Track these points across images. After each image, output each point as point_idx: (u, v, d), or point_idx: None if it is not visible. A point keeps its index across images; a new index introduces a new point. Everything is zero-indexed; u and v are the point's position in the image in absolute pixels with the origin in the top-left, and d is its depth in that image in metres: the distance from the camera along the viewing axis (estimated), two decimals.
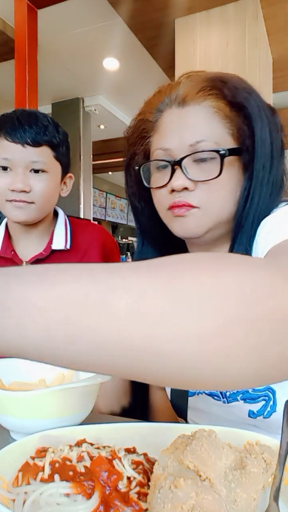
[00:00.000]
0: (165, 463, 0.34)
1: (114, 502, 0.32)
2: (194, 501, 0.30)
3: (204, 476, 0.31)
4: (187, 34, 2.84)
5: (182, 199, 0.62)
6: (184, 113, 0.63)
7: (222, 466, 0.33)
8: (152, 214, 0.72)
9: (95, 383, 0.52)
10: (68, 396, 0.51)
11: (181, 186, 0.62)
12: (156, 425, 0.45)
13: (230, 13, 2.70)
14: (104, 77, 4.36)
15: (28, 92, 2.55)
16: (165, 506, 0.30)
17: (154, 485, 0.32)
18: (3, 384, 0.61)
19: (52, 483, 0.34)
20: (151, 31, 3.05)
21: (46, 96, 4.71)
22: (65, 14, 3.18)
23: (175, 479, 0.31)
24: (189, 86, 0.64)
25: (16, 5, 2.58)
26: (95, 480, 0.34)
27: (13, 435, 0.55)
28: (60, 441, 0.43)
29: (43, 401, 0.50)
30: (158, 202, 0.68)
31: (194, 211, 0.63)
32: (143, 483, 0.35)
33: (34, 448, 0.41)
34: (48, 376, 0.64)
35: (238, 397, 0.63)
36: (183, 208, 0.62)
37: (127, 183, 0.76)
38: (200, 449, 0.33)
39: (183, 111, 0.63)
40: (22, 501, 0.33)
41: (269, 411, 0.60)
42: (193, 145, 0.62)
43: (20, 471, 0.37)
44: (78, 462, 0.37)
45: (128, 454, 0.38)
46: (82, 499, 0.33)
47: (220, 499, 0.30)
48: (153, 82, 4.30)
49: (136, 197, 0.75)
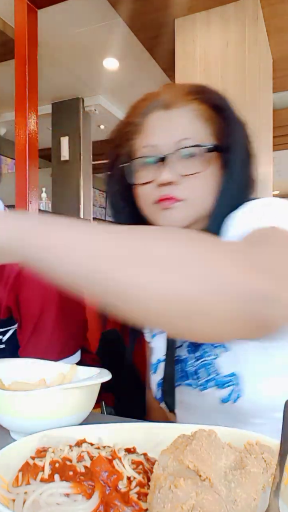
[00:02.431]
0: (165, 463, 0.34)
1: (114, 502, 0.32)
2: (194, 501, 0.30)
3: (204, 476, 0.31)
4: (187, 34, 2.84)
5: (169, 192, 0.67)
6: (169, 115, 0.69)
7: (222, 466, 0.33)
8: (131, 212, 0.77)
9: (95, 383, 0.52)
10: (68, 396, 0.51)
11: (169, 179, 0.66)
12: (156, 425, 0.45)
13: (230, 13, 2.69)
14: (104, 77, 4.36)
15: (28, 92, 2.55)
16: (165, 506, 0.30)
17: (154, 485, 0.32)
18: (3, 384, 0.61)
19: (52, 483, 0.34)
20: (151, 31, 3.05)
21: (46, 96, 4.71)
22: (65, 14, 3.18)
23: (175, 479, 0.31)
24: (173, 93, 0.71)
25: (16, 5, 2.58)
26: (95, 480, 0.34)
27: (13, 435, 0.55)
28: (60, 441, 0.43)
29: (43, 401, 0.50)
30: (143, 197, 0.72)
31: (180, 203, 0.68)
32: (143, 483, 0.35)
33: (34, 448, 0.41)
34: (48, 376, 0.64)
35: (209, 383, 0.67)
36: (170, 200, 0.67)
37: (108, 184, 0.80)
38: (200, 449, 0.33)
39: (168, 112, 0.69)
40: (22, 501, 0.33)
41: (238, 395, 0.64)
42: (179, 142, 0.67)
43: (20, 471, 0.37)
44: (78, 462, 0.36)
45: (128, 454, 0.38)
46: (82, 499, 0.33)
47: (220, 499, 0.30)
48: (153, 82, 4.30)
49: (117, 197, 0.79)
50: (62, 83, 4.51)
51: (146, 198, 0.71)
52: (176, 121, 0.69)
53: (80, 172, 4.83)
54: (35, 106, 2.62)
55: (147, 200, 0.71)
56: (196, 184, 0.68)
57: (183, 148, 0.67)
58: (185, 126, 0.68)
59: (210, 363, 0.67)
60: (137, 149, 0.73)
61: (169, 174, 0.67)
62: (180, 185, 0.67)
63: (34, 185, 2.60)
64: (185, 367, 0.71)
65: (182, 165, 0.67)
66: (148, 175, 0.70)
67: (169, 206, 0.68)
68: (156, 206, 0.70)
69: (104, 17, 3.19)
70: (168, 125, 0.69)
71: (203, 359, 0.68)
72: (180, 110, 0.69)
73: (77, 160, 4.83)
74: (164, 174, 0.67)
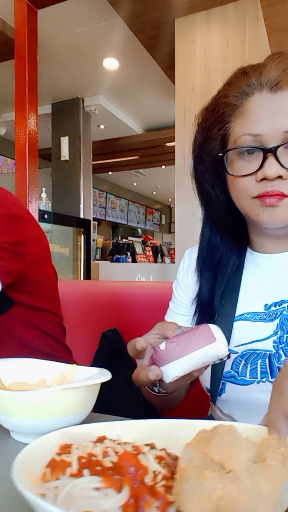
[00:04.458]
0: (189, 457, 0.35)
1: (143, 495, 0.33)
2: (221, 492, 0.31)
3: (229, 468, 0.32)
4: (187, 34, 2.84)
5: (276, 188, 0.60)
6: (278, 98, 0.60)
7: (244, 459, 0.34)
8: (225, 201, 0.69)
9: (95, 383, 0.52)
10: (68, 396, 0.51)
11: (276, 174, 0.59)
12: (174, 421, 0.47)
13: (230, 13, 2.70)
14: (104, 77, 4.36)
15: (28, 92, 2.55)
16: (194, 497, 0.31)
17: (181, 478, 0.33)
18: (3, 384, 0.61)
19: (82, 478, 0.35)
20: (151, 31, 3.05)
21: (46, 96, 4.72)
22: (65, 14, 3.18)
23: (201, 471, 0.32)
24: (281, 70, 0.60)
25: (16, 5, 2.58)
26: (123, 474, 0.35)
27: (13, 435, 0.55)
28: (81, 438, 0.43)
29: (43, 401, 0.50)
30: (242, 190, 0.64)
31: (286, 200, 0.60)
32: (167, 477, 0.36)
33: (57, 445, 0.42)
34: (48, 376, 0.64)
35: None
36: (275, 197, 0.60)
37: (197, 170, 0.71)
38: (224, 443, 0.34)
39: (275, 96, 0.60)
40: (53, 496, 0.34)
41: None
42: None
43: (47, 467, 0.38)
44: (103, 457, 0.37)
45: (150, 450, 0.39)
46: (112, 492, 0.34)
47: (245, 490, 0.31)
48: (153, 82, 4.30)
49: (209, 184, 0.71)
50: (62, 83, 4.51)
51: (245, 191, 0.63)
52: (285, 107, 0.59)
53: (80, 172, 4.83)
54: (35, 106, 2.63)
55: (246, 193, 0.63)
56: None
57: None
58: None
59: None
60: (236, 136, 0.63)
61: (276, 168, 0.58)
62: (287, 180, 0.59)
63: (34, 185, 2.60)
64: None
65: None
66: (249, 166, 0.62)
67: (275, 204, 0.60)
68: (256, 201, 0.62)
69: (104, 17, 3.19)
70: (275, 111, 0.59)
71: None
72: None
73: (77, 160, 4.83)
74: (270, 168, 0.59)
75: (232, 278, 0.73)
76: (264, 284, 0.70)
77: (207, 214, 0.75)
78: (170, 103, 3.87)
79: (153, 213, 11.86)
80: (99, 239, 7.68)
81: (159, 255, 7.69)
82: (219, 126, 0.66)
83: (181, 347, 0.47)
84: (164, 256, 7.77)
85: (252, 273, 0.72)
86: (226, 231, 0.74)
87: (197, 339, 0.47)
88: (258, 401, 0.65)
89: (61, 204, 4.82)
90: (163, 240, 11.37)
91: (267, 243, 0.71)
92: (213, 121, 0.67)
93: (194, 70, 2.80)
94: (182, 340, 0.48)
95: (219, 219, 0.73)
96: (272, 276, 0.70)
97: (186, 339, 0.47)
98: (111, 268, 5.38)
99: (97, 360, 1.21)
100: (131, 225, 10.55)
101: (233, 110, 0.64)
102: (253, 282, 0.72)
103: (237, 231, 0.73)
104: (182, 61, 2.86)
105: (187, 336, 0.48)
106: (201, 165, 0.70)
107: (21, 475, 0.33)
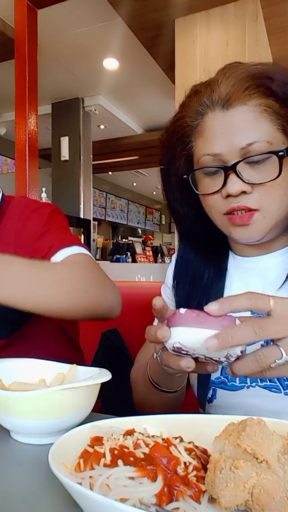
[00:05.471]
0: (221, 448, 0.37)
1: (176, 485, 0.35)
2: (255, 480, 0.33)
3: (261, 458, 0.34)
4: (187, 34, 2.84)
5: (241, 203, 0.60)
6: (230, 116, 0.60)
7: (274, 450, 0.36)
8: (195, 218, 0.71)
9: (95, 383, 0.52)
10: (68, 396, 0.51)
11: (239, 191, 0.59)
12: (196, 416, 0.49)
13: (230, 13, 2.70)
14: (104, 77, 4.36)
15: (28, 92, 2.55)
16: (228, 485, 0.33)
17: (214, 468, 0.35)
18: (3, 384, 0.61)
19: (116, 467, 0.37)
20: (151, 31, 3.05)
21: (46, 96, 4.72)
22: (65, 14, 3.18)
23: (234, 461, 0.34)
24: (231, 85, 0.60)
25: (16, 5, 2.58)
26: (156, 464, 0.37)
27: (13, 435, 0.55)
28: (109, 431, 0.44)
29: (43, 401, 0.50)
30: (211, 207, 0.65)
31: (256, 216, 0.61)
32: (198, 467, 0.38)
33: (87, 438, 0.43)
34: (48, 376, 0.64)
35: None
36: (244, 217, 0.61)
37: (166, 189, 0.73)
38: (255, 434, 0.36)
39: (228, 113, 0.60)
40: (89, 484, 0.36)
41: None
42: (245, 148, 0.59)
43: (80, 458, 0.40)
44: (135, 449, 0.39)
45: (180, 442, 0.41)
46: (147, 481, 0.36)
47: (278, 479, 0.33)
48: (153, 82, 4.30)
49: (178, 203, 0.72)
50: (62, 83, 4.51)
51: (214, 208, 0.64)
52: (238, 123, 0.59)
53: (80, 172, 4.83)
54: (35, 106, 2.63)
55: (216, 210, 0.64)
56: (271, 190, 0.60)
57: (253, 156, 0.59)
58: (249, 128, 0.59)
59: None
60: (198, 156, 0.64)
61: (238, 184, 0.59)
62: (253, 194, 0.60)
63: (34, 185, 2.60)
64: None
65: (252, 172, 0.60)
66: (214, 184, 0.62)
67: (246, 223, 0.61)
68: (227, 218, 0.63)
69: (104, 17, 3.19)
70: (229, 129, 0.60)
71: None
72: (242, 107, 0.59)
73: (77, 160, 4.83)
74: (233, 185, 0.59)
75: (215, 283, 0.73)
76: (248, 287, 0.70)
77: (180, 232, 0.77)
78: (170, 103, 3.88)
79: (153, 213, 11.86)
80: (99, 239, 7.69)
81: (159, 255, 7.69)
82: (182, 146, 0.67)
83: (199, 320, 0.45)
84: (164, 256, 7.77)
85: (235, 277, 0.72)
86: (200, 247, 0.75)
87: (218, 322, 0.45)
88: (249, 406, 0.65)
89: (61, 204, 4.82)
90: (163, 240, 11.38)
91: (246, 249, 0.71)
92: (175, 141, 0.68)
93: (194, 70, 2.80)
94: (204, 315, 0.46)
95: (191, 236, 0.75)
96: (255, 278, 0.70)
97: (208, 317, 0.45)
98: (111, 268, 5.38)
99: (97, 360, 1.21)
100: (131, 225, 10.55)
101: (192, 130, 0.65)
102: (238, 286, 0.71)
103: (216, 242, 0.74)
104: (182, 61, 2.86)
105: (210, 316, 0.46)
106: (169, 184, 0.72)
107: (57, 466, 0.35)
